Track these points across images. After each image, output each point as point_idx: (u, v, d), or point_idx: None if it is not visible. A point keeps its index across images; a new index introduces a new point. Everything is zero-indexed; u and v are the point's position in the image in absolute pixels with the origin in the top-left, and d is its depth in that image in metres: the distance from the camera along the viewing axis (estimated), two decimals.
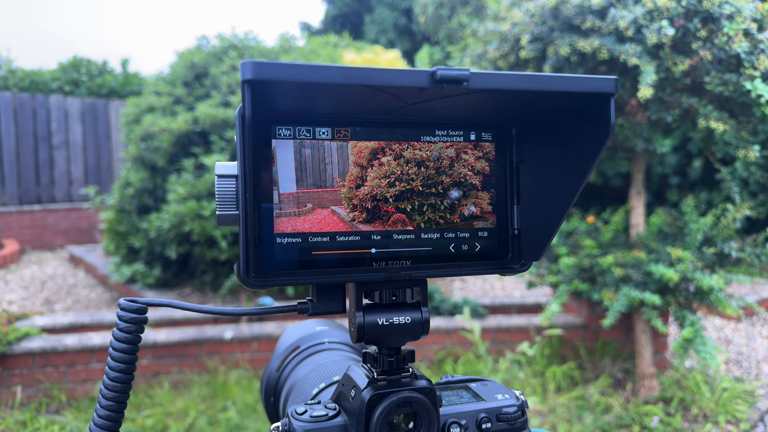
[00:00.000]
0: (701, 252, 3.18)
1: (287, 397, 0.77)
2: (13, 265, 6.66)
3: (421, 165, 0.53)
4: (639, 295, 2.98)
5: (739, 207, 3.17)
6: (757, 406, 3.35)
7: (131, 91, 8.90)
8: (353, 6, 14.30)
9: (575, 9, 2.80)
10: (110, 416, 0.49)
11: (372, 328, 0.52)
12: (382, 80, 0.40)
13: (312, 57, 5.21)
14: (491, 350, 3.86)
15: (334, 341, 0.84)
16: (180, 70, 5.15)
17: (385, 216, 0.52)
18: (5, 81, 8.34)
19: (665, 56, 2.64)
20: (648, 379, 3.35)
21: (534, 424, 3.06)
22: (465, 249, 0.55)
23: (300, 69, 0.39)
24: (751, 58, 2.46)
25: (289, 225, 0.49)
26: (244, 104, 0.39)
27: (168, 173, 4.68)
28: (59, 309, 4.96)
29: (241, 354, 3.65)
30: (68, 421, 3.15)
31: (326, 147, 0.51)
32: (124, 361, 0.49)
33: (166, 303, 0.53)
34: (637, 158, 3.45)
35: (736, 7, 2.49)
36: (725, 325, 4.85)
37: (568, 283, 3.34)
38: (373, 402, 0.50)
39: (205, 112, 4.46)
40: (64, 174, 8.23)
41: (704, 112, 2.71)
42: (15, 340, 3.41)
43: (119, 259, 5.11)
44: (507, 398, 0.59)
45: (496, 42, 3.23)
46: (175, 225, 4.25)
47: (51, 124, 8.10)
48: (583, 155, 0.48)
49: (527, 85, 0.44)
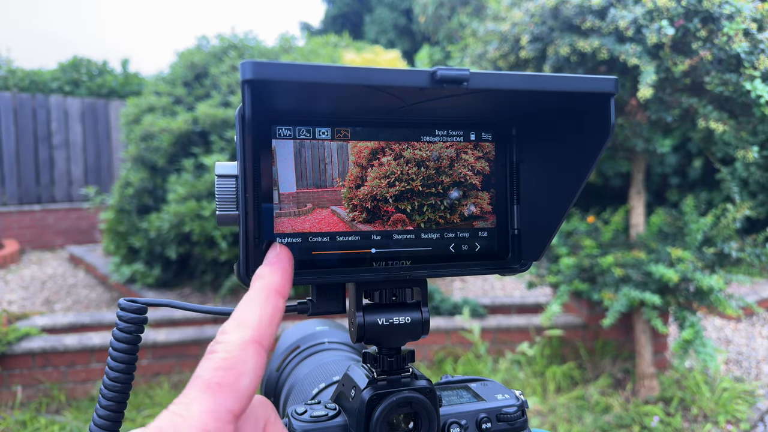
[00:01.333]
0: (701, 252, 3.18)
1: (287, 397, 0.77)
2: (13, 265, 6.67)
3: (421, 165, 0.53)
4: (639, 295, 2.98)
5: (739, 207, 3.17)
6: (757, 406, 3.35)
7: (131, 91, 8.90)
8: (353, 6, 14.31)
9: (575, 9, 2.80)
10: (110, 416, 0.49)
11: (372, 328, 0.52)
12: (382, 80, 0.40)
13: (312, 57, 5.21)
14: (491, 350, 3.86)
15: (334, 341, 0.84)
16: (180, 70, 5.15)
17: (385, 216, 0.52)
18: (5, 81, 8.34)
19: (665, 56, 2.64)
20: (648, 379, 3.35)
21: (534, 424, 3.05)
22: (465, 249, 0.55)
23: (300, 69, 0.38)
24: (751, 58, 2.46)
25: (289, 225, 0.49)
26: (244, 104, 0.39)
27: (168, 173, 4.68)
28: (59, 309, 4.96)
29: None
30: (68, 421, 3.15)
31: (326, 147, 0.51)
32: (124, 361, 0.49)
33: (166, 303, 0.53)
34: (637, 158, 3.45)
35: (736, 7, 2.49)
36: (725, 325, 4.85)
37: (568, 283, 3.34)
38: (373, 402, 0.50)
39: (205, 112, 4.46)
40: (64, 174, 8.23)
41: (704, 112, 2.71)
42: (15, 340, 3.41)
43: (119, 259, 5.11)
44: (507, 398, 0.59)
45: (496, 42, 3.24)
46: (175, 225, 4.25)
47: (51, 124, 8.10)
48: (583, 155, 0.48)
49: (527, 85, 0.44)
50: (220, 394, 0.35)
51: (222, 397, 0.35)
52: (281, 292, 0.41)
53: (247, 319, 0.39)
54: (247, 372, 0.37)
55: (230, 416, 0.35)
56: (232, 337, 0.38)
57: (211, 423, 0.34)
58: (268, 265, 0.43)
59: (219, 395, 0.35)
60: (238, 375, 0.36)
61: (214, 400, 0.35)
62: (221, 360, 0.37)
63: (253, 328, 0.38)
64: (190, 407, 0.34)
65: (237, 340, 0.37)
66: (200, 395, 0.35)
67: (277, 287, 0.41)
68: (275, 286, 0.41)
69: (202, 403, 0.35)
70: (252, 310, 0.40)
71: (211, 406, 0.35)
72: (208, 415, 0.34)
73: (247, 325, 0.38)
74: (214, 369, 0.36)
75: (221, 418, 0.35)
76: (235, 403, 0.35)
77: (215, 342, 0.38)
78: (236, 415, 0.36)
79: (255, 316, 0.39)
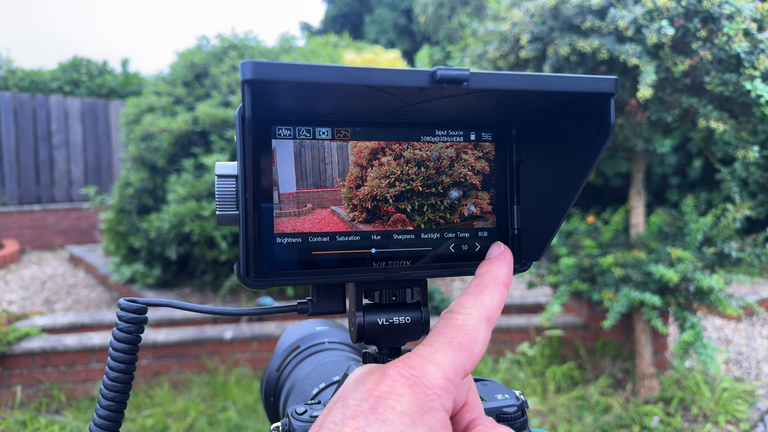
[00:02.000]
0: (701, 252, 3.18)
1: (287, 397, 0.77)
2: (13, 265, 6.67)
3: (421, 165, 0.53)
4: (639, 295, 2.98)
5: (739, 207, 3.17)
6: (757, 406, 3.35)
7: (131, 91, 8.90)
8: (353, 6, 14.31)
9: (575, 9, 2.80)
10: (110, 416, 0.49)
11: (372, 328, 0.52)
12: (382, 80, 0.40)
13: (312, 57, 5.21)
14: (491, 350, 3.86)
15: (334, 341, 0.84)
16: (180, 70, 5.15)
17: (385, 216, 0.52)
18: (5, 81, 8.34)
19: (665, 56, 2.64)
20: (648, 379, 3.35)
21: (534, 424, 3.06)
22: (465, 249, 0.55)
23: (300, 69, 0.38)
24: (751, 58, 2.46)
25: (289, 225, 0.49)
26: (244, 104, 0.39)
27: (168, 173, 4.68)
28: (59, 309, 4.96)
29: (241, 354, 3.65)
30: (68, 421, 3.15)
31: (326, 147, 0.51)
32: (124, 361, 0.49)
33: (166, 303, 0.53)
34: (637, 158, 3.45)
35: (736, 7, 2.49)
36: (725, 325, 4.85)
37: (568, 284, 3.34)
38: None
39: (205, 112, 4.46)
40: (64, 174, 8.23)
41: (704, 112, 2.71)
42: (15, 340, 3.41)
43: (119, 259, 5.11)
44: (507, 398, 0.59)
45: (496, 42, 3.23)
46: (175, 225, 4.26)
47: (51, 124, 8.10)
48: (583, 155, 0.48)
49: (527, 85, 0.44)
50: (460, 351, 0.40)
51: (461, 355, 0.40)
52: (506, 284, 0.47)
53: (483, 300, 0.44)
54: (480, 341, 0.42)
55: (463, 372, 0.40)
56: (471, 311, 0.43)
57: (451, 373, 0.39)
58: (495, 260, 0.49)
59: (458, 352, 0.40)
60: (474, 341, 0.41)
61: (456, 355, 0.40)
62: (461, 325, 0.42)
63: (488, 308, 0.44)
64: (435, 355, 0.39)
65: (475, 314, 0.43)
66: (445, 348, 0.40)
67: (504, 279, 0.47)
68: (502, 278, 0.47)
69: (446, 353, 0.40)
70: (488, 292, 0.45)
71: (452, 359, 0.39)
72: (449, 366, 0.39)
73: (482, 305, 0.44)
74: (456, 330, 0.41)
75: (458, 372, 0.39)
76: (469, 363, 0.40)
77: (453, 311, 0.43)
78: (467, 374, 0.41)
79: (489, 298, 0.45)
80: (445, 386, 0.38)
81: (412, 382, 0.37)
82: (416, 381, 0.37)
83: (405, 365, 0.38)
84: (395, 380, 0.38)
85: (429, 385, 0.38)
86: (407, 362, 0.39)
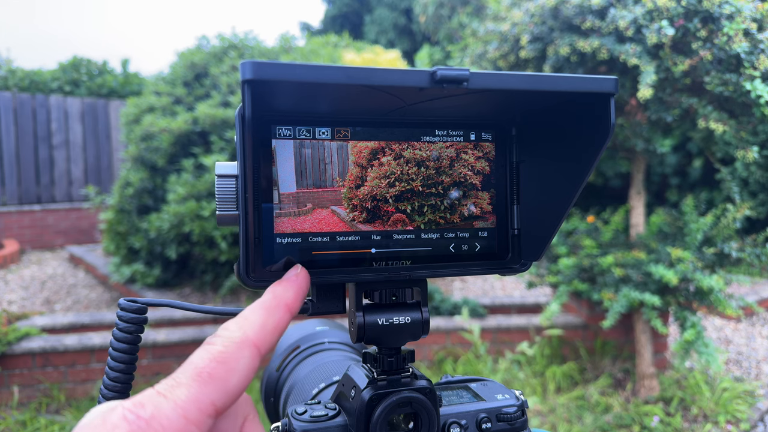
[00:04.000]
0: (701, 252, 3.18)
1: (287, 397, 0.77)
2: (13, 265, 6.67)
3: (421, 165, 0.53)
4: (639, 296, 2.98)
5: (739, 207, 3.17)
6: (757, 406, 3.35)
7: (131, 91, 8.89)
8: (353, 6, 14.31)
9: (575, 9, 2.80)
10: None
11: (372, 328, 0.52)
12: (382, 80, 0.40)
13: (312, 57, 5.21)
14: (491, 350, 3.86)
15: (334, 341, 0.84)
16: (180, 70, 5.14)
17: (385, 216, 0.52)
18: (5, 81, 8.34)
19: (665, 56, 2.64)
20: (648, 379, 3.35)
21: (534, 424, 3.06)
22: (465, 249, 0.55)
23: (300, 69, 0.38)
24: (751, 58, 2.46)
25: (289, 225, 0.49)
26: (244, 104, 0.39)
27: (168, 173, 4.68)
28: (59, 309, 4.96)
29: None
30: (68, 421, 3.15)
31: (326, 147, 0.51)
32: (124, 361, 0.49)
33: (166, 303, 0.53)
34: (637, 158, 3.45)
35: (736, 7, 2.49)
36: (725, 325, 4.85)
37: (568, 283, 3.34)
38: (373, 402, 0.50)
39: (205, 112, 4.46)
40: (64, 174, 8.23)
41: (704, 113, 2.71)
42: (15, 340, 3.41)
43: (119, 259, 5.11)
44: (507, 398, 0.59)
45: (496, 42, 3.23)
46: (175, 225, 4.25)
47: (51, 124, 8.09)
48: (583, 155, 0.48)
49: (527, 85, 0.44)
50: (210, 385, 0.35)
51: (210, 389, 0.35)
52: (291, 309, 0.42)
53: (251, 321, 0.39)
54: (239, 370, 0.36)
55: (212, 409, 0.35)
56: (233, 334, 0.38)
57: (193, 411, 0.33)
58: (286, 281, 0.44)
59: (207, 386, 0.35)
60: (230, 371, 0.36)
61: (202, 390, 0.34)
62: (217, 353, 0.36)
63: (256, 331, 0.38)
64: (176, 390, 0.34)
65: (237, 338, 0.37)
66: (189, 381, 0.35)
67: (288, 302, 0.42)
68: (287, 300, 0.42)
69: (189, 389, 0.34)
70: (259, 313, 0.40)
71: (197, 394, 0.34)
72: (191, 403, 0.34)
73: (250, 327, 0.38)
74: (209, 359, 0.36)
75: (204, 409, 0.34)
76: (221, 398, 0.35)
77: (215, 335, 0.38)
78: (219, 411, 0.35)
79: (260, 319, 0.39)
80: (184, 428, 0.33)
81: (136, 426, 0.32)
82: (143, 425, 0.32)
83: (135, 405, 0.33)
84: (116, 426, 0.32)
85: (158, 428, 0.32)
86: (138, 401, 0.33)
